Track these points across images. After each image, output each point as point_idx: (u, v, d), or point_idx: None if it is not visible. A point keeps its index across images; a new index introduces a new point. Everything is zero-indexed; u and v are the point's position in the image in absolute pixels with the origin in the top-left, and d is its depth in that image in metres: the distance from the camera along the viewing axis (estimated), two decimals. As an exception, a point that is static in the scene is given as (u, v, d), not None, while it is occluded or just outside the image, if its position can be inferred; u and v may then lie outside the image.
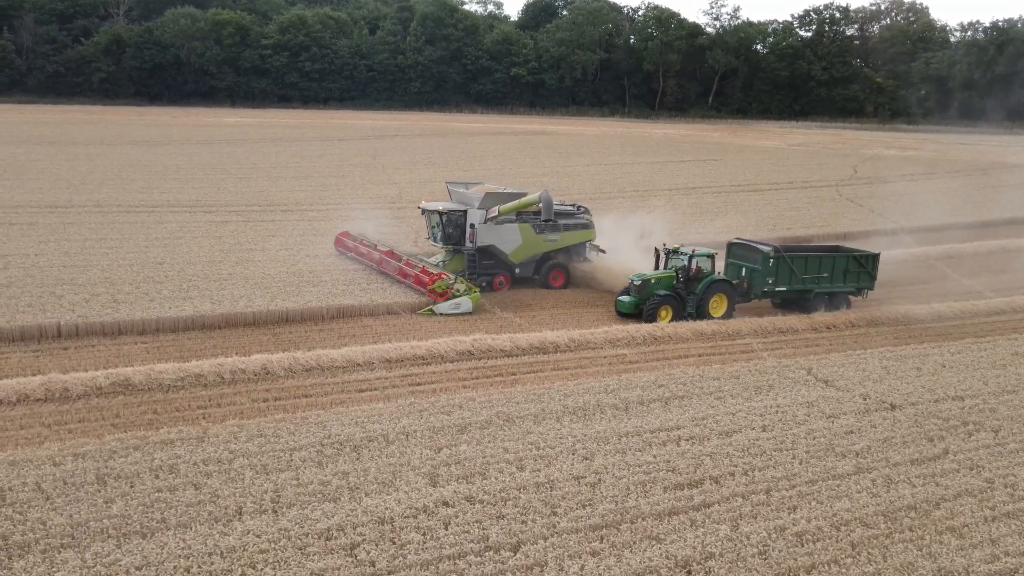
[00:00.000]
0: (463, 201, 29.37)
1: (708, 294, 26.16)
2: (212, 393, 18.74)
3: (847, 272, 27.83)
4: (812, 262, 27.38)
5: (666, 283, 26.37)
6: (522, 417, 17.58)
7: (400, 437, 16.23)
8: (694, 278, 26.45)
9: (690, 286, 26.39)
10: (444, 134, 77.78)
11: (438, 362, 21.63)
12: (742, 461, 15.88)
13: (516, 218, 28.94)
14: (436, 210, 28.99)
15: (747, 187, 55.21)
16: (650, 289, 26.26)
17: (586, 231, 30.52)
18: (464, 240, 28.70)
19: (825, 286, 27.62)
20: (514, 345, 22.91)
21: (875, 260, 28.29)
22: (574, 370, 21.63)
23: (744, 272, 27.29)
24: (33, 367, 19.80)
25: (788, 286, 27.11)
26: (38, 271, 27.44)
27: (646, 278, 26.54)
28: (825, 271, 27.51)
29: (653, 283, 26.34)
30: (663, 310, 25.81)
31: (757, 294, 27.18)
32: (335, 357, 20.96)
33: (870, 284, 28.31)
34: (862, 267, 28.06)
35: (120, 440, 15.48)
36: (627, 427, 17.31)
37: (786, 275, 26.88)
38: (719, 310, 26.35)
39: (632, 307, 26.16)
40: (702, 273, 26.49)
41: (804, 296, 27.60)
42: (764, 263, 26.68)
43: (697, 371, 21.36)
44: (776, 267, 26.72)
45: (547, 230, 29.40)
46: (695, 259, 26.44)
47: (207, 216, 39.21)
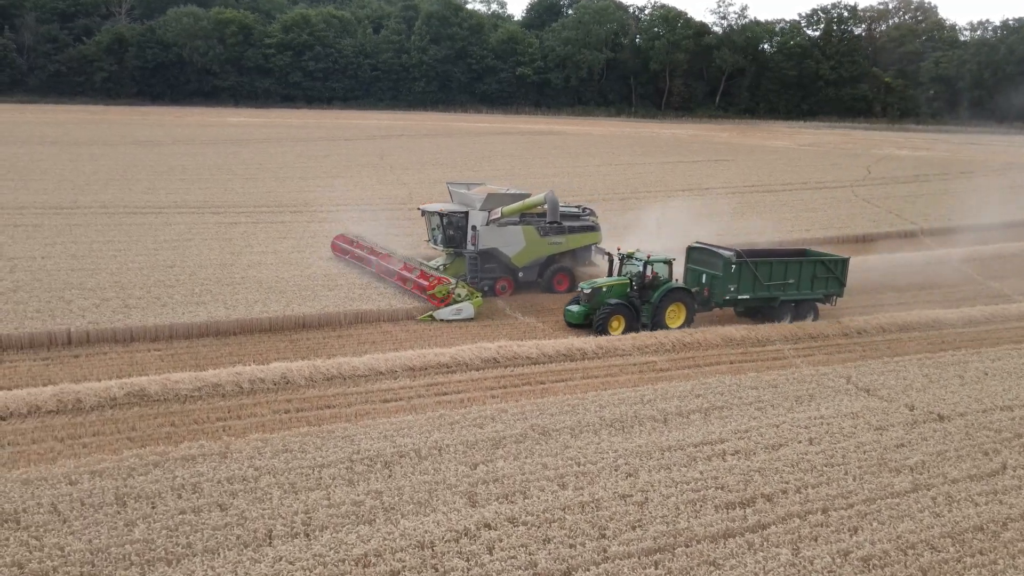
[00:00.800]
0: (464, 202, 28.27)
1: (665, 303, 24.42)
2: (231, 404, 17.93)
3: (815, 278, 26.20)
4: (777, 268, 25.70)
5: (619, 291, 24.67)
6: (558, 430, 16.77)
7: (433, 452, 15.41)
8: (649, 286, 24.77)
9: (645, 294, 24.69)
10: (451, 134, 76.99)
11: (463, 370, 20.83)
12: (793, 477, 15.08)
13: (519, 220, 27.85)
14: (436, 212, 27.94)
15: (761, 188, 54.43)
16: (601, 298, 24.49)
17: (592, 233, 29.35)
18: (465, 243, 27.61)
19: (791, 293, 25.99)
20: (540, 352, 22.13)
21: (844, 265, 26.71)
22: (604, 378, 20.84)
23: (704, 279, 25.68)
24: (43, 376, 18.98)
25: (752, 293, 25.49)
26: (45, 275, 26.62)
27: (597, 286, 24.80)
28: (791, 277, 25.86)
29: (604, 291, 24.58)
30: (614, 320, 24.00)
31: (718, 302, 25.58)
32: (357, 365, 20.15)
33: (839, 290, 26.71)
34: (830, 272, 26.44)
35: (139, 456, 14.65)
36: (669, 440, 16.50)
37: (749, 282, 25.29)
38: (677, 320, 24.71)
39: (581, 317, 24.51)
40: (658, 280, 24.86)
41: (769, 304, 26.01)
42: (725, 269, 24.99)
43: (733, 380, 20.56)
44: (738, 273, 25.10)
45: (552, 232, 28.28)
46: (650, 265, 24.80)
47: (215, 217, 38.40)
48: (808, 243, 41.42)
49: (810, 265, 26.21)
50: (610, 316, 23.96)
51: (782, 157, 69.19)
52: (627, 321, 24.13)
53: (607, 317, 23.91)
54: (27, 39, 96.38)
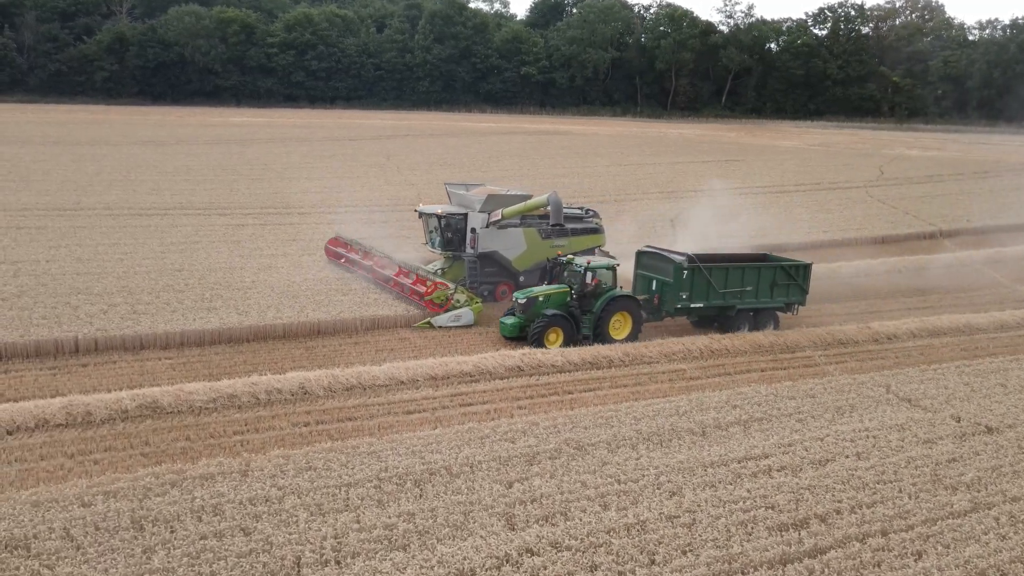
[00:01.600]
0: (463, 204, 27.12)
1: (608, 312, 22.58)
2: (247, 416, 17.10)
3: (775, 285, 24.50)
4: (733, 274, 24.04)
5: (557, 301, 22.83)
6: (594, 444, 15.95)
7: (465, 469, 14.58)
8: (591, 294, 22.89)
9: (586, 303, 22.87)
10: (456, 134, 76.18)
11: (487, 379, 20.01)
12: (846, 496, 14.26)
13: (520, 222, 26.79)
14: (434, 214, 26.79)
15: (774, 188, 53.65)
16: (537, 308, 22.61)
17: (595, 236, 28.33)
18: (464, 246, 26.52)
19: (749, 301, 24.33)
20: (566, 360, 21.31)
21: (806, 271, 25.03)
22: (634, 387, 20.03)
23: (654, 286, 24.02)
24: (51, 387, 18.15)
25: (706, 301, 23.81)
26: (50, 279, 25.77)
27: (532, 295, 22.85)
28: (749, 284, 24.19)
29: (541, 301, 22.68)
30: (551, 333, 22.20)
31: (669, 311, 23.87)
32: (376, 375, 19.33)
33: (801, 298, 25.08)
34: (792, 279, 24.74)
35: (155, 475, 13.81)
36: (710, 456, 15.68)
37: (703, 289, 23.62)
38: (622, 331, 22.97)
39: (516, 330, 22.66)
40: (601, 288, 22.98)
41: (725, 313, 24.40)
42: (676, 275, 23.30)
43: (768, 389, 19.75)
44: (691, 280, 23.42)
45: (554, 235, 27.11)
46: (591, 271, 22.88)
47: (222, 219, 37.60)
48: (825, 245, 40.80)
49: (769, 271, 24.53)
50: (546, 328, 22.13)
51: (793, 157, 68.41)
52: (565, 333, 22.34)
53: (543, 329, 22.07)
54: (27, 38, 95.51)
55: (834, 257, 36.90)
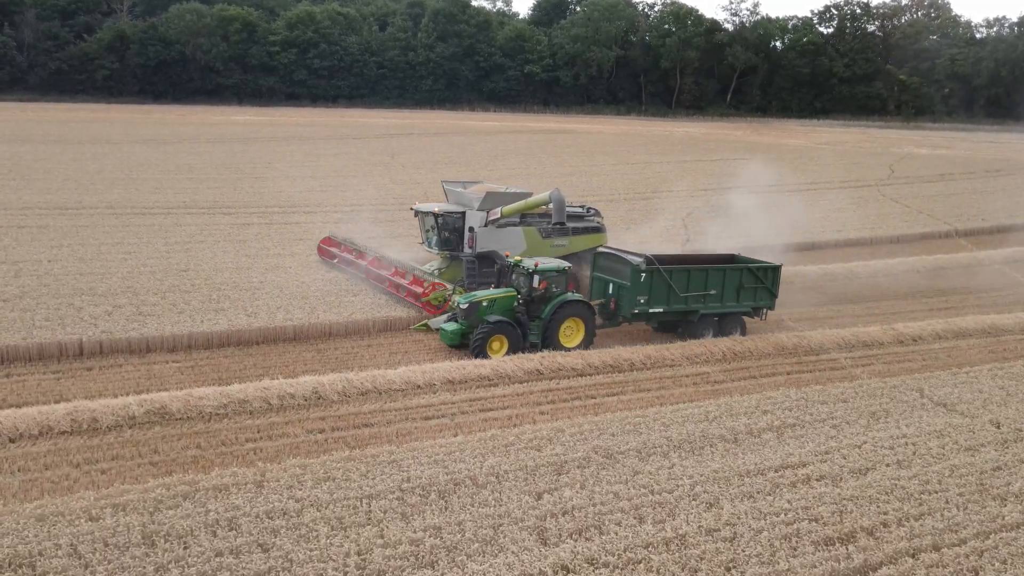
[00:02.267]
0: (461, 202, 26.20)
1: (558, 318, 21.08)
2: (260, 423, 16.40)
3: (741, 288, 23.12)
4: (696, 276, 22.66)
5: (502, 306, 21.23)
6: (623, 453, 15.26)
7: (491, 480, 13.89)
8: (540, 299, 21.41)
9: (534, 309, 21.36)
10: (461, 132, 75.47)
11: (505, 383, 19.33)
12: (891, 507, 13.58)
13: (520, 221, 25.86)
14: (431, 212, 25.84)
15: (784, 187, 52.88)
16: (480, 313, 20.99)
17: (597, 235, 27.22)
18: (462, 245, 25.63)
19: (713, 306, 22.94)
20: (586, 363, 20.65)
21: (775, 274, 23.70)
22: (657, 392, 19.37)
23: (611, 289, 22.56)
24: (55, 392, 17.46)
25: (666, 306, 22.39)
26: (53, 280, 25.06)
27: (475, 300, 21.20)
28: (713, 287, 22.75)
29: (484, 306, 21.05)
30: (495, 341, 20.53)
31: (626, 316, 22.43)
32: (392, 379, 18.64)
33: (770, 303, 23.77)
34: (760, 282, 23.40)
35: (166, 486, 13.11)
36: (746, 464, 14.99)
37: (663, 292, 22.20)
38: (574, 339, 21.48)
39: (458, 337, 21.03)
40: (551, 292, 21.48)
41: (687, 318, 22.96)
42: (634, 278, 21.90)
43: (798, 393, 19.07)
44: (649, 283, 21.97)
45: (554, 234, 26.06)
46: (540, 274, 21.26)
47: (227, 218, 36.89)
48: (840, 245, 40.15)
49: (735, 274, 23.12)
50: (489, 336, 20.44)
51: (801, 156, 67.72)
52: (511, 341, 20.70)
53: (485, 337, 20.38)
54: (27, 36, 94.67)
55: (850, 257, 36.25)
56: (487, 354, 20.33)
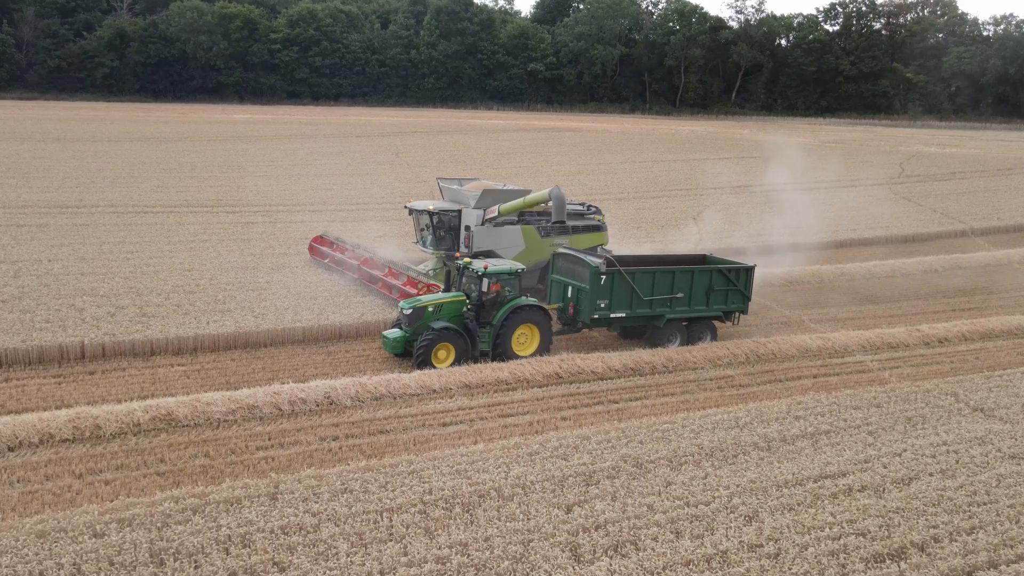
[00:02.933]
0: (457, 200, 25.21)
1: (510, 325, 19.61)
2: (270, 430, 15.67)
3: (711, 291, 21.64)
4: (661, 279, 21.10)
5: (450, 311, 19.70)
6: (654, 462, 14.52)
7: (517, 491, 13.15)
8: (491, 304, 19.88)
9: (485, 315, 19.81)
10: (465, 131, 74.72)
11: (524, 387, 18.61)
12: (940, 520, 12.85)
13: (518, 220, 24.85)
14: (426, 210, 24.88)
15: (796, 185, 52.15)
16: (427, 319, 19.40)
17: (597, 234, 26.25)
18: (458, 245, 24.58)
19: (681, 310, 21.44)
20: (606, 366, 19.93)
21: (748, 275, 22.22)
22: (682, 396, 18.65)
23: (570, 293, 21.07)
24: (56, 397, 16.72)
25: (628, 311, 20.83)
26: (53, 280, 24.32)
27: (420, 305, 19.61)
28: (680, 290, 21.26)
29: (430, 312, 19.50)
30: (440, 349, 19.03)
31: (586, 322, 20.81)
32: (407, 383, 17.91)
33: (742, 306, 22.32)
34: (731, 284, 21.91)
35: (174, 499, 12.37)
36: (783, 474, 14.26)
37: (625, 296, 20.66)
38: (528, 346, 20.04)
39: (401, 345, 19.46)
40: (503, 296, 19.99)
41: (652, 324, 21.47)
42: (593, 280, 20.31)
43: (829, 398, 18.34)
44: (610, 285, 20.40)
45: (554, 233, 25.09)
46: (490, 277, 19.70)
47: (231, 217, 36.16)
48: (855, 244, 39.45)
49: (704, 275, 21.63)
50: (433, 344, 18.89)
51: (810, 154, 66.89)
52: (458, 350, 19.21)
53: (430, 346, 18.83)
54: (26, 34, 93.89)
55: (866, 256, 35.53)
56: (432, 364, 18.81)
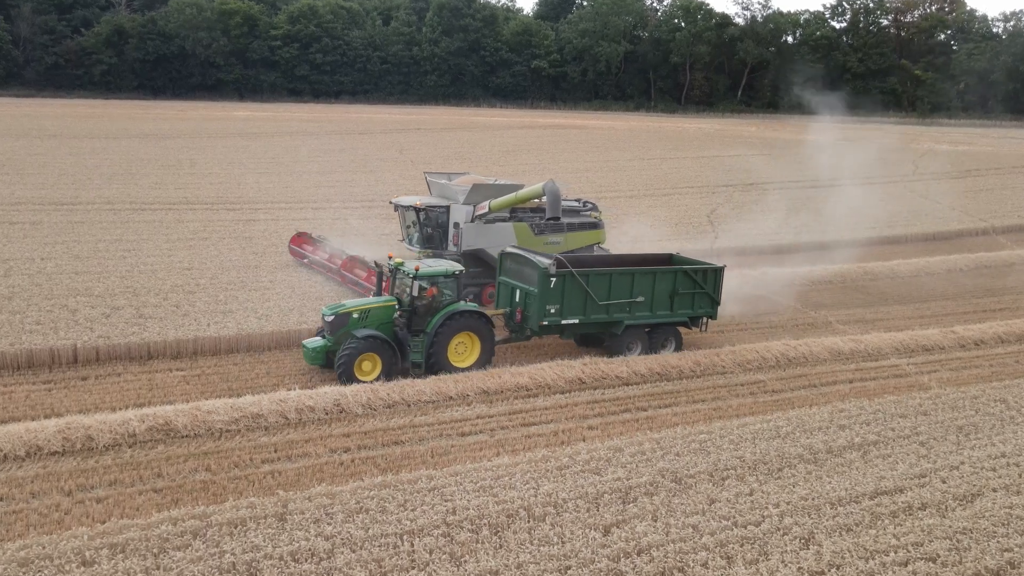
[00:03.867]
0: (445, 195, 23.83)
1: (446, 333, 17.59)
2: (276, 440, 14.52)
3: (675, 295, 19.83)
4: (619, 281, 19.21)
5: (378, 318, 17.62)
6: (694, 476, 13.37)
7: (549, 511, 12.01)
8: (426, 310, 17.87)
9: (418, 322, 17.81)
10: (470, 128, 73.57)
11: (546, 393, 17.48)
12: (1014, 543, 11.71)
13: (510, 216, 23.49)
14: (412, 206, 23.45)
15: (809, 183, 51.12)
16: (351, 326, 17.42)
17: (594, 232, 24.86)
18: (446, 243, 23.25)
19: (641, 315, 19.59)
20: (631, 371, 18.81)
21: (717, 277, 20.40)
22: (713, 403, 17.51)
23: (517, 297, 19.27)
24: (45, 405, 15.55)
25: (582, 316, 19.03)
26: (46, 279, 23.14)
27: (343, 310, 17.56)
28: (641, 293, 19.43)
29: (355, 319, 17.44)
30: (365, 361, 17.03)
31: (534, 329, 19.00)
32: (422, 389, 16.77)
33: (710, 310, 20.53)
34: (698, 287, 20.11)
35: (172, 521, 11.22)
36: (835, 490, 13.11)
37: (578, 300, 18.87)
38: (467, 357, 18.06)
39: (321, 356, 17.44)
40: (438, 301, 18.04)
41: (610, 331, 19.65)
42: (542, 283, 18.46)
43: (871, 405, 17.20)
44: (561, 288, 18.63)
45: (548, 231, 23.67)
46: (423, 280, 17.67)
47: (231, 214, 35.02)
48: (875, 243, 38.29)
49: (668, 277, 19.81)
50: (356, 355, 16.86)
51: (821, 152, 65.77)
52: (385, 361, 17.20)
53: (352, 357, 16.80)
54: (23, 30, 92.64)
55: (888, 255, 34.39)
56: (356, 377, 16.85)
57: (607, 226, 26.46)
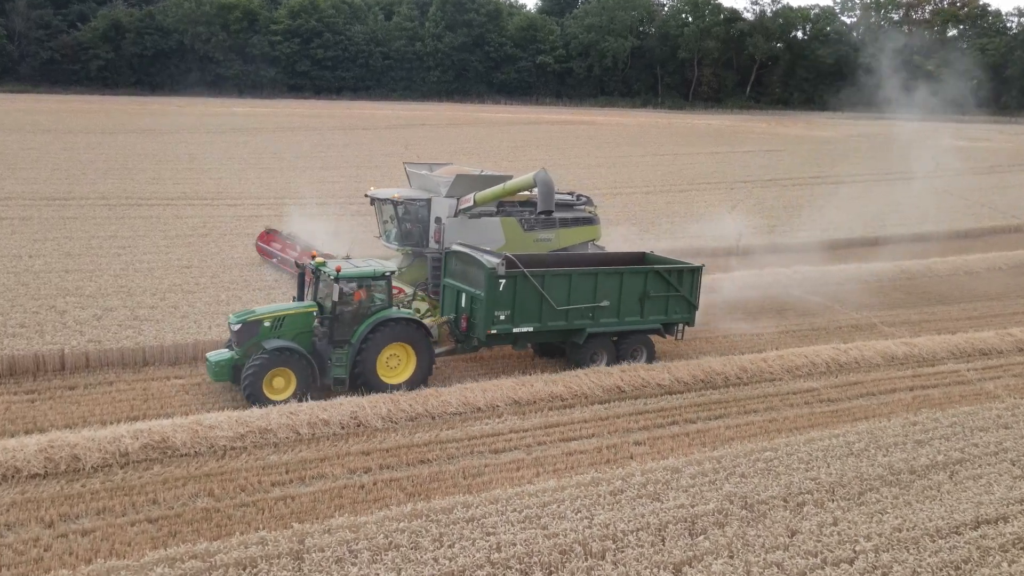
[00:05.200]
0: (426, 187, 21.55)
1: (375, 344, 15.15)
2: (287, 459, 12.85)
3: (646, 298, 17.44)
4: (580, 283, 16.83)
5: (294, 326, 15.14)
6: (766, 502, 11.71)
7: (608, 545, 10.34)
8: (351, 317, 15.38)
9: (342, 331, 15.25)
10: (475, 124, 71.93)
11: (583, 403, 15.84)
12: None
13: (498, 210, 21.19)
14: (389, 199, 20.97)
15: (829, 179, 49.60)
16: (263, 336, 14.94)
17: (588, 227, 22.45)
18: (427, 240, 20.82)
19: (607, 322, 17.20)
20: (673, 377, 17.22)
21: (694, 278, 18.02)
22: (766, 413, 15.90)
23: (463, 301, 16.88)
24: (27, 419, 13.85)
25: (538, 324, 16.60)
26: (33, 277, 21.43)
27: (252, 318, 15.05)
28: (606, 296, 17.06)
29: (267, 327, 14.96)
30: (276, 377, 14.55)
31: (481, 338, 16.49)
32: (447, 399, 15.13)
33: (687, 315, 18.10)
34: (672, 289, 17.74)
35: (170, 561, 9.54)
36: (929, 518, 11.45)
37: (532, 305, 16.47)
38: (401, 372, 15.62)
39: (226, 371, 14.89)
40: (366, 307, 15.54)
41: (572, 339, 17.25)
42: (490, 285, 16.05)
43: (946, 417, 15.55)
44: (512, 292, 16.23)
45: (539, 226, 21.38)
46: (347, 282, 15.17)
47: (232, 210, 33.36)
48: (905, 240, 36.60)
49: (637, 279, 17.43)
50: (265, 370, 14.36)
51: (837, 147, 64.34)
52: (300, 377, 14.71)
53: (260, 372, 14.32)
54: (18, 25, 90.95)
55: (921, 253, 32.67)
56: (265, 396, 14.41)
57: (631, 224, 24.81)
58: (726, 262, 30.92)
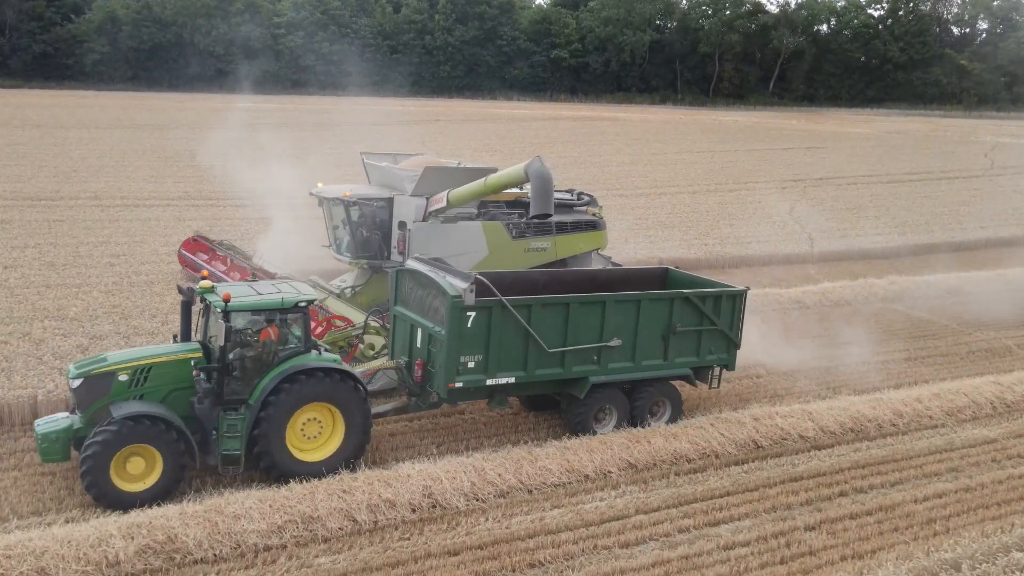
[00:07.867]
0: (388, 183, 17.15)
1: (285, 406, 10.79)
2: (345, 566, 9.10)
3: (672, 334, 13.03)
4: (581, 314, 12.39)
5: (165, 380, 10.84)
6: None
7: None
8: (255, 365, 11.02)
9: (238, 387, 10.87)
10: (492, 119, 68.39)
11: (715, 465, 12.33)
12: None
13: (478, 213, 16.92)
14: (339, 199, 16.57)
15: (882, 178, 46.04)
16: (114, 396, 10.55)
17: (592, 234, 17.95)
18: (388, 251, 16.69)
19: (618, 367, 12.79)
20: (818, 427, 13.68)
21: (736, 306, 13.55)
22: (950, 477, 12.52)
23: (419, 339, 12.35)
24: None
25: (522, 372, 12.17)
26: (6, 295, 17.63)
27: (101, 369, 10.64)
28: (614, 333, 12.62)
29: (121, 381, 10.62)
30: (132, 457, 10.18)
31: (440, 392, 12.05)
32: (547, 467, 11.61)
33: (725, 357, 13.67)
34: (706, 320, 13.27)
35: None
36: None
37: (514, 346, 12.07)
38: (322, 445, 11.21)
39: (62, 448, 10.45)
40: (272, 350, 11.08)
41: (569, 391, 12.74)
42: (453, 319, 11.61)
43: None
44: (486, 328, 11.85)
45: (530, 232, 16.95)
46: (240, 315, 10.82)
47: (241, 211, 29.97)
48: (992, 244, 33.01)
49: (660, 307, 12.95)
50: (113, 450, 9.99)
51: (880, 145, 60.68)
52: (168, 457, 10.26)
53: (104, 452, 9.92)
54: (9, 17, 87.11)
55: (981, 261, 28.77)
56: (114, 487, 10.03)
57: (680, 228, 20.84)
58: (803, 270, 27.52)
